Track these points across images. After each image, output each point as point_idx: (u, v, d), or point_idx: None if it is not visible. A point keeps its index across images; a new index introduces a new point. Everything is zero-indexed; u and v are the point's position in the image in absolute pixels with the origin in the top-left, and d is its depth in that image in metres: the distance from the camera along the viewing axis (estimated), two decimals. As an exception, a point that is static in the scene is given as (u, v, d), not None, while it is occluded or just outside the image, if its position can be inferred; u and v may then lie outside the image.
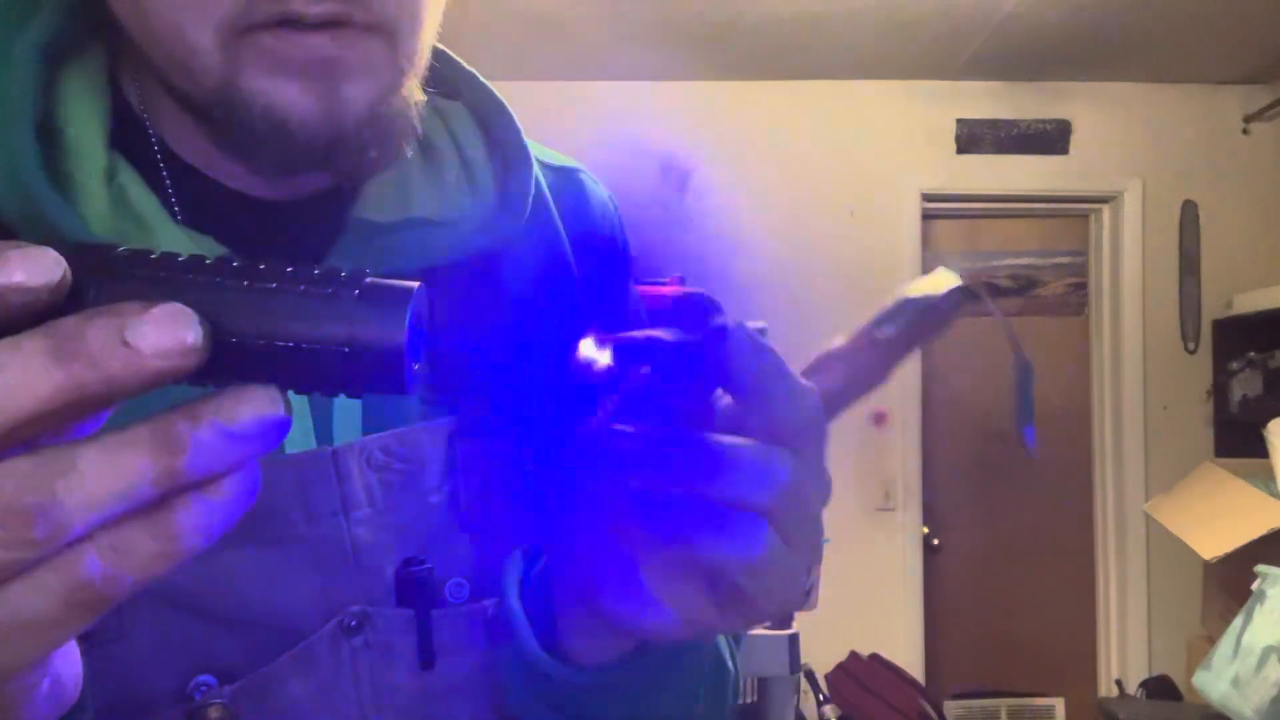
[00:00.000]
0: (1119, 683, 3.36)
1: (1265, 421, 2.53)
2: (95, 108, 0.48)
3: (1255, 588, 2.13)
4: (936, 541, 3.60)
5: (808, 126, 3.52)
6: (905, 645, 3.44)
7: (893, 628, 3.46)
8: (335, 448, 0.48)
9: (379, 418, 0.50)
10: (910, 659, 3.38)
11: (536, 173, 0.56)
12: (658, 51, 3.26)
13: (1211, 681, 2.09)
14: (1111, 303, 3.59)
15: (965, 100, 3.53)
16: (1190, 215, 3.54)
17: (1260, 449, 2.54)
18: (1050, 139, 3.56)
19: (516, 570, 0.45)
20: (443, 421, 0.51)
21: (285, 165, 0.45)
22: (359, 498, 0.48)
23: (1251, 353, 3.30)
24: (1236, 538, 2.42)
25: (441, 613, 0.49)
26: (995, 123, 3.55)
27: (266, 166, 0.46)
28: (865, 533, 3.47)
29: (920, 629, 3.50)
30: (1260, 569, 2.14)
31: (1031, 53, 3.26)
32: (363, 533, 0.48)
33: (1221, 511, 2.55)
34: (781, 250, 3.41)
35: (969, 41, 3.18)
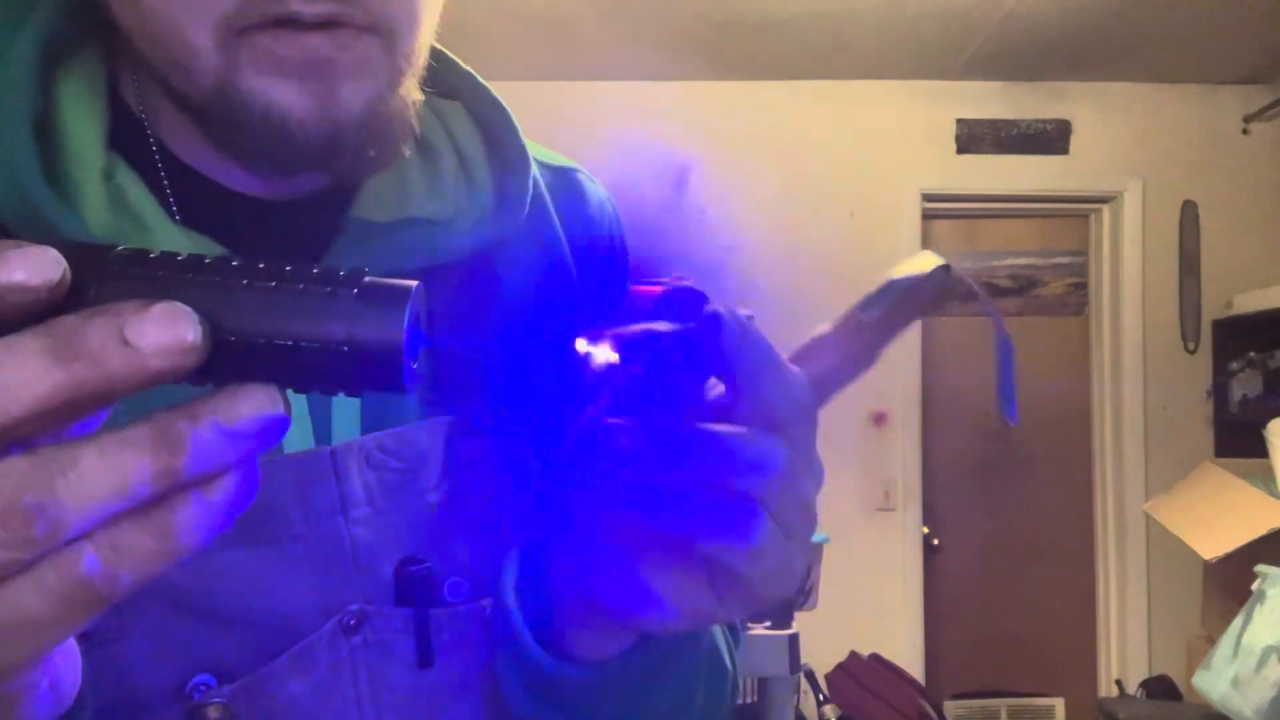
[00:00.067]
0: (1119, 683, 3.36)
1: (1265, 421, 2.53)
2: (93, 107, 0.48)
3: (1255, 588, 2.13)
4: (936, 541, 3.60)
5: (808, 126, 3.52)
6: (905, 645, 3.44)
7: (893, 628, 3.46)
8: (334, 447, 0.48)
9: (378, 417, 0.50)
10: (910, 659, 3.38)
11: (534, 172, 0.57)
12: (658, 51, 3.26)
13: (1211, 681, 2.09)
14: (1111, 303, 3.58)
15: (965, 100, 3.53)
16: (1190, 215, 3.54)
17: (1260, 449, 2.54)
18: (1050, 139, 3.56)
19: (513, 568, 0.45)
20: (441, 420, 0.51)
21: (283, 165, 0.45)
22: (358, 497, 0.48)
23: (1251, 353, 3.30)
24: (1236, 538, 2.42)
25: (440, 612, 0.49)
26: (995, 123, 3.55)
27: (264, 166, 0.46)
28: (865, 533, 3.47)
29: (920, 629, 3.50)
30: (1260, 569, 2.14)
31: (1031, 53, 3.26)
32: (361, 532, 0.48)
33: (1221, 511, 2.55)
34: (781, 249, 3.41)
35: (969, 41, 3.18)
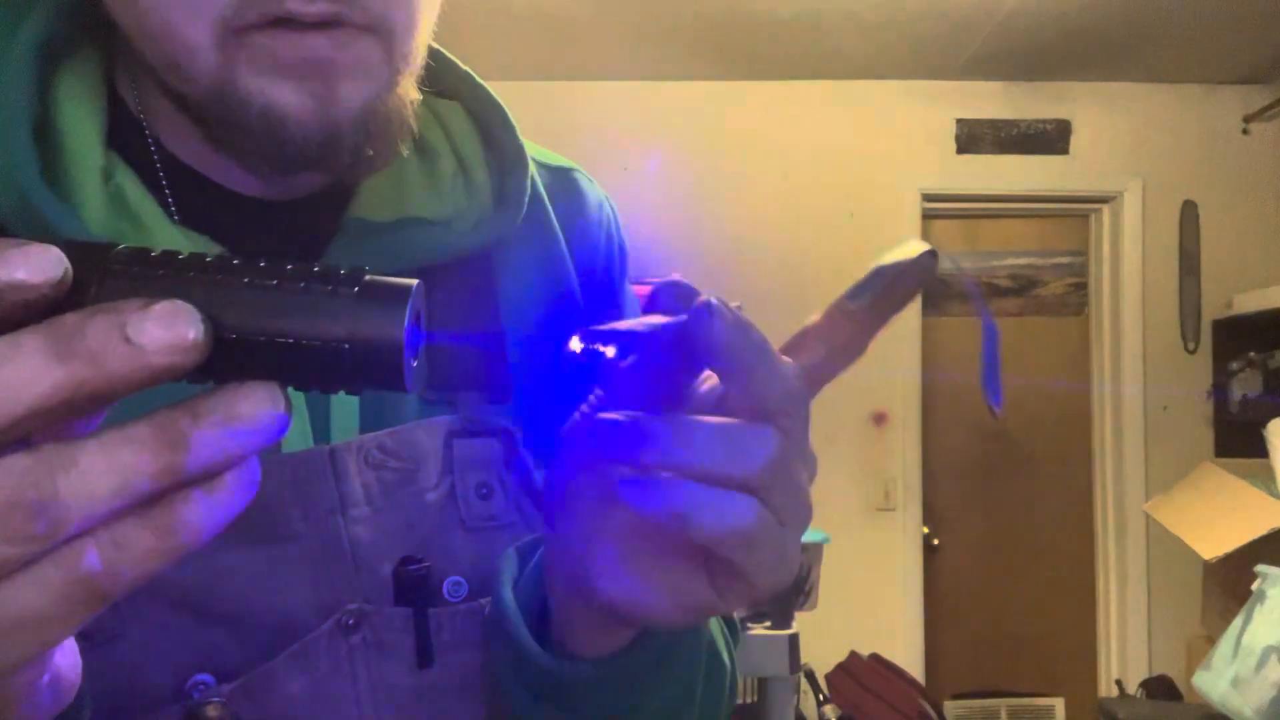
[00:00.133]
0: (1119, 683, 3.36)
1: (1265, 421, 2.53)
2: (92, 108, 0.48)
3: (1255, 588, 2.13)
4: (936, 541, 3.60)
5: (808, 126, 3.52)
6: (905, 645, 3.44)
7: (893, 628, 3.46)
8: (333, 446, 0.48)
9: (376, 416, 0.50)
10: (910, 659, 3.38)
11: (533, 172, 0.57)
12: (658, 51, 3.26)
13: (1211, 681, 2.09)
14: (1111, 303, 3.58)
15: (965, 100, 3.53)
16: (1190, 215, 3.54)
17: (1260, 449, 2.54)
18: (1050, 139, 3.55)
19: (511, 566, 0.45)
20: (441, 420, 0.51)
21: (281, 165, 0.45)
22: (356, 496, 0.48)
23: (1251, 353, 3.29)
24: (1236, 538, 2.41)
25: (439, 611, 0.49)
26: (995, 123, 3.55)
27: (263, 166, 0.46)
28: (865, 533, 3.47)
29: (920, 629, 3.50)
30: (1260, 569, 2.14)
31: (1031, 53, 3.26)
32: (360, 531, 0.48)
33: (1221, 511, 2.55)
34: (781, 250, 3.41)
35: (969, 41, 3.18)
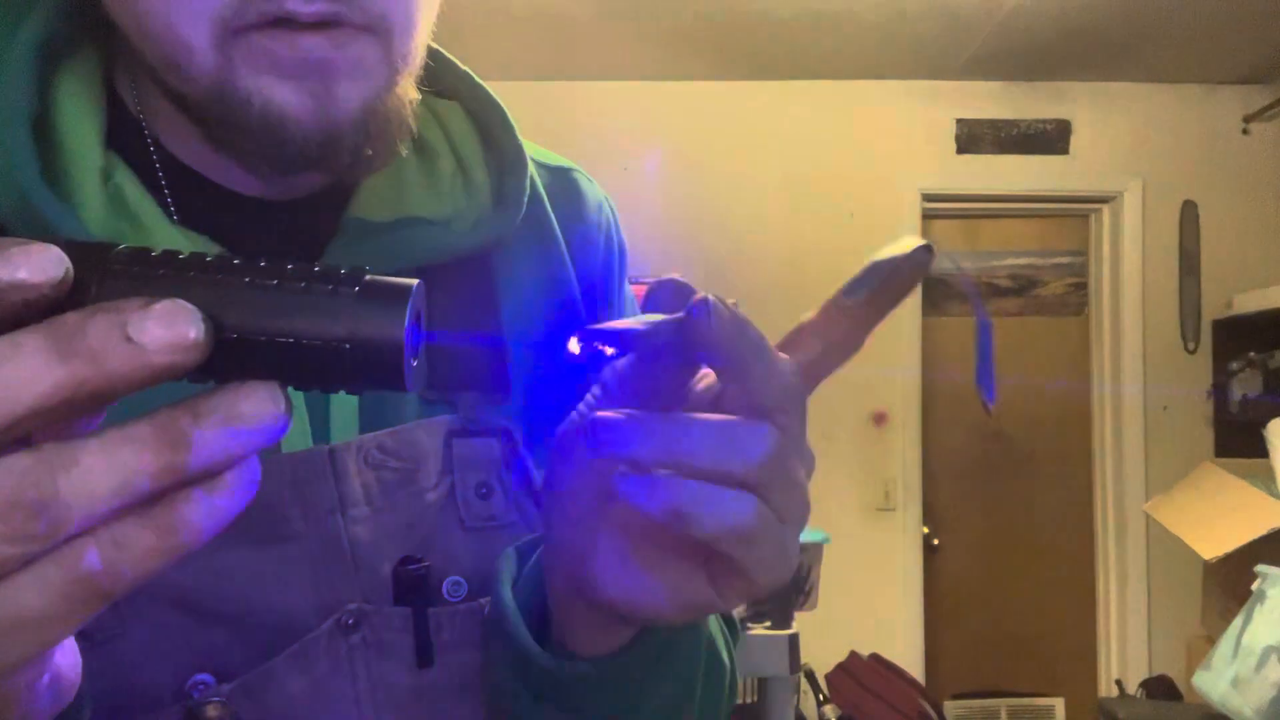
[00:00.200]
0: (1119, 683, 3.36)
1: (1265, 421, 2.52)
2: (91, 107, 0.48)
3: (1255, 588, 2.13)
4: (936, 541, 3.60)
5: (808, 126, 3.52)
6: (905, 645, 3.44)
7: (893, 628, 3.46)
8: (332, 446, 0.48)
9: (376, 416, 0.50)
10: (910, 659, 3.38)
11: (532, 172, 0.57)
12: (658, 51, 3.26)
13: (1211, 681, 2.09)
14: (1111, 303, 3.58)
15: (965, 100, 3.53)
16: (1190, 215, 3.54)
17: (1260, 449, 2.54)
18: (1050, 139, 3.56)
19: (510, 565, 0.45)
20: (440, 419, 0.51)
21: (281, 165, 0.45)
22: (356, 496, 0.48)
23: (1251, 353, 3.29)
24: (1236, 538, 2.41)
25: (439, 611, 0.49)
26: (995, 123, 3.55)
27: (262, 166, 0.46)
28: (865, 533, 3.47)
29: (920, 629, 3.50)
30: (1260, 569, 2.14)
31: (1031, 53, 3.26)
32: (360, 531, 0.48)
33: (1221, 511, 2.55)
34: (781, 250, 3.42)
35: (969, 41, 3.18)
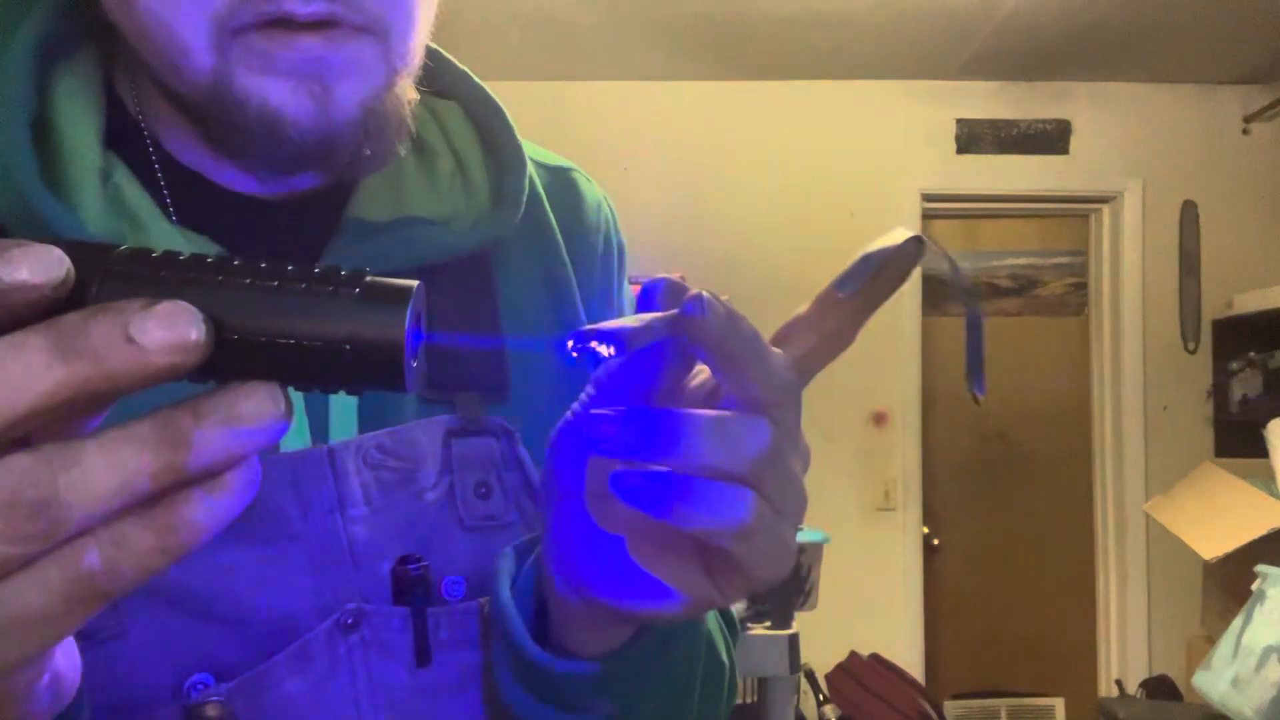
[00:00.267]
0: (1119, 683, 3.36)
1: (1265, 421, 2.53)
2: (90, 107, 0.48)
3: (1255, 588, 2.13)
4: (936, 541, 3.60)
5: (808, 126, 3.53)
6: (905, 645, 3.44)
7: (893, 628, 3.46)
8: (332, 445, 0.48)
9: (375, 416, 0.50)
10: (910, 659, 3.38)
11: (531, 172, 0.57)
12: (658, 52, 3.26)
13: (1211, 681, 2.09)
14: (1111, 303, 3.59)
15: (965, 100, 3.53)
16: (1190, 215, 3.54)
17: (1260, 449, 2.54)
18: (1050, 139, 3.56)
19: (508, 565, 0.45)
20: (439, 419, 0.51)
21: (279, 164, 0.46)
22: (355, 496, 0.48)
23: (1251, 353, 3.30)
24: (1236, 538, 2.42)
25: (438, 610, 0.49)
26: (995, 123, 3.55)
27: (261, 166, 0.46)
28: (865, 533, 3.47)
29: (920, 629, 3.50)
30: (1260, 569, 2.14)
31: (1031, 53, 3.26)
32: (359, 530, 0.48)
33: (1221, 511, 2.55)
34: (781, 250, 3.42)
35: (969, 41, 3.18)
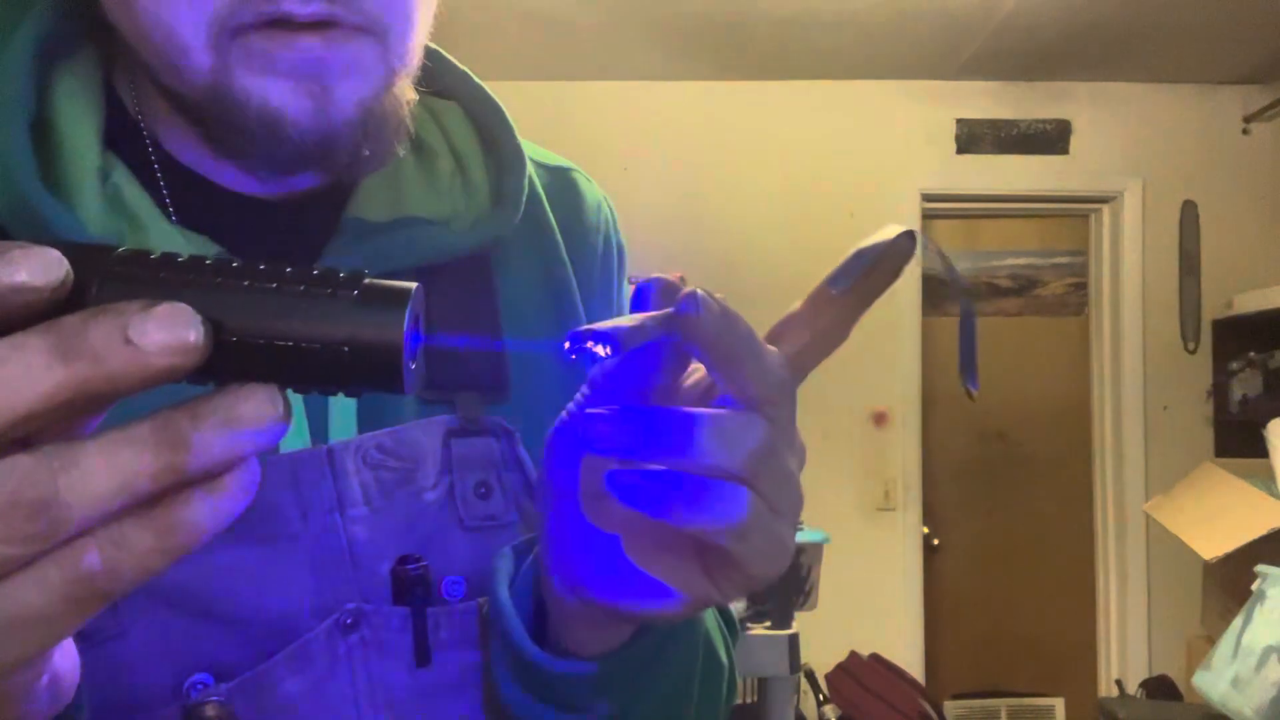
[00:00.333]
0: (1119, 683, 3.36)
1: (1265, 421, 2.53)
2: (89, 108, 0.48)
3: (1255, 588, 2.13)
4: (936, 541, 3.60)
5: (808, 126, 3.52)
6: (905, 645, 3.44)
7: (893, 628, 3.46)
8: (331, 446, 0.48)
9: (375, 416, 0.50)
10: (910, 659, 3.38)
11: (530, 172, 0.57)
12: (658, 52, 3.26)
13: (1211, 681, 2.09)
14: (1111, 303, 3.59)
15: (965, 100, 3.53)
16: (1190, 215, 3.54)
17: (1260, 449, 2.54)
18: (1050, 139, 3.56)
19: (507, 565, 0.45)
20: (439, 419, 0.51)
21: (278, 165, 0.46)
22: (355, 496, 0.48)
23: (1251, 353, 3.30)
24: (1236, 538, 2.42)
25: (437, 610, 0.49)
26: (995, 123, 3.55)
27: (260, 166, 0.46)
28: (865, 533, 3.47)
29: (920, 629, 3.50)
30: (1260, 569, 2.14)
31: (1031, 53, 3.26)
32: (359, 531, 0.48)
33: (1221, 511, 2.55)
34: (781, 250, 3.41)
35: (969, 41, 3.18)
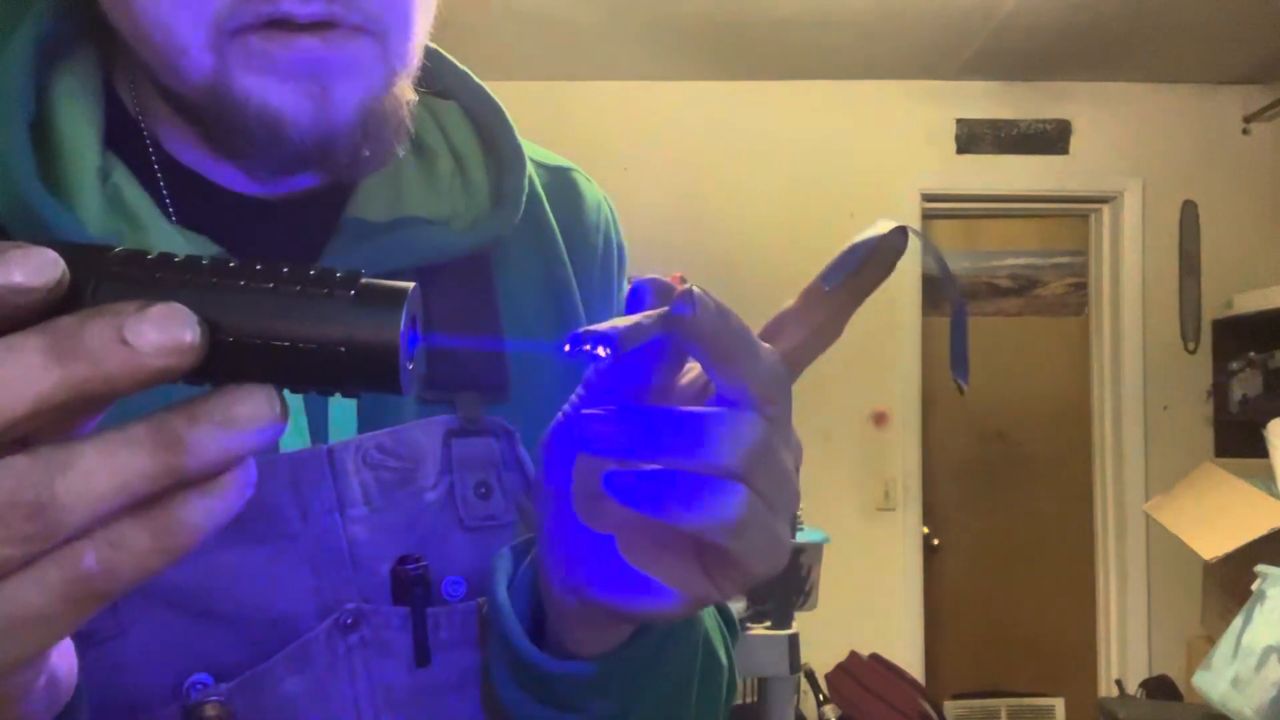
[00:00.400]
0: (1119, 683, 3.36)
1: (1265, 421, 2.53)
2: (89, 108, 0.48)
3: (1255, 588, 2.13)
4: (936, 541, 3.60)
5: (808, 126, 3.52)
6: (905, 645, 3.44)
7: (893, 628, 3.46)
8: (331, 446, 0.48)
9: (375, 416, 0.50)
10: (910, 659, 3.38)
11: (530, 172, 0.57)
12: (658, 51, 3.26)
13: (1211, 681, 2.09)
14: (1111, 303, 3.58)
15: (965, 100, 3.53)
16: (1190, 215, 3.54)
17: (1260, 449, 2.54)
18: (1050, 139, 3.56)
19: (505, 565, 0.45)
20: (439, 419, 0.51)
21: (278, 165, 0.46)
22: (355, 496, 0.48)
23: (1251, 353, 3.30)
24: (1236, 538, 2.42)
25: (437, 610, 0.49)
26: (995, 123, 3.55)
27: (259, 166, 0.46)
28: (865, 533, 3.47)
29: (920, 629, 3.50)
30: (1260, 569, 2.14)
31: (1031, 53, 3.26)
32: (358, 531, 0.48)
33: (1221, 511, 2.55)
34: (781, 250, 3.41)
35: (969, 41, 3.18)
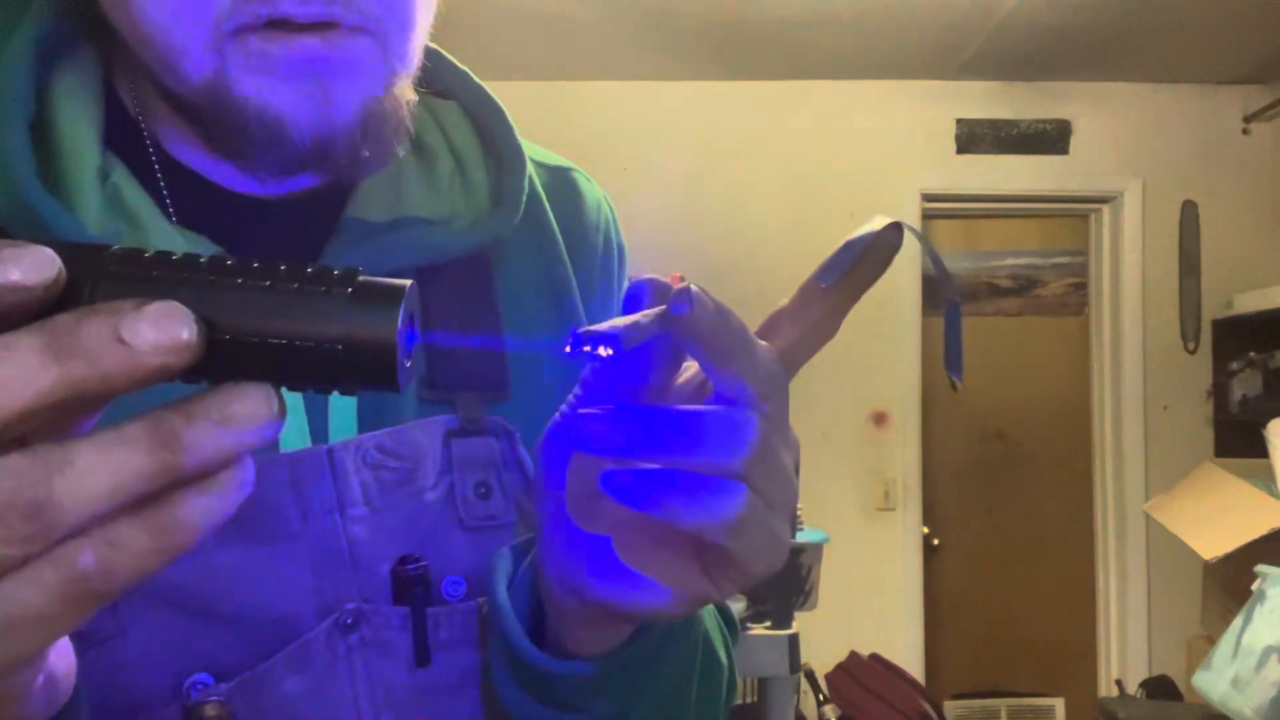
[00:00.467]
0: (1119, 683, 3.36)
1: (1265, 421, 2.52)
2: (89, 108, 0.48)
3: (1255, 588, 2.12)
4: (936, 541, 3.60)
5: (808, 126, 3.52)
6: (905, 645, 3.44)
7: (893, 628, 3.46)
8: (331, 445, 0.48)
9: (375, 415, 0.50)
10: (910, 659, 3.38)
11: (530, 171, 0.57)
12: (659, 51, 3.26)
13: (1211, 681, 2.09)
14: (1111, 303, 3.59)
15: (965, 100, 3.53)
16: (1190, 215, 3.54)
17: (1260, 449, 2.54)
18: (1050, 139, 3.56)
19: (505, 565, 0.45)
20: (439, 419, 0.51)
21: (278, 165, 0.46)
22: (355, 495, 0.48)
23: (1251, 353, 3.30)
24: (1236, 538, 2.41)
25: (437, 610, 0.49)
26: (995, 123, 3.55)
27: (259, 166, 0.46)
28: (865, 533, 3.47)
29: (920, 629, 3.50)
30: (1260, 569, 2.13)
31: (1031, 53, 3.26)
32: (358, 530, 0.48)
33: (1221, 511, 2.55)
34: (781, 250, 3.41)
35: (969, 41, 3.18)
